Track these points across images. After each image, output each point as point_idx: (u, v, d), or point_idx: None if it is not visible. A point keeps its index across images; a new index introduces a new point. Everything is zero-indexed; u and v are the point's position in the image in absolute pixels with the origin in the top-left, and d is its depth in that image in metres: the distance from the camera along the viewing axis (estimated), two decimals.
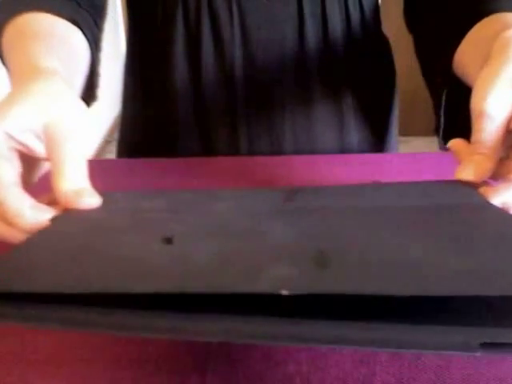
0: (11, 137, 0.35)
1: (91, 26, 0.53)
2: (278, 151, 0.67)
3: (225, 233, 0.31)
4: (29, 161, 0.37)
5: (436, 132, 0.55)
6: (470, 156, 0.39)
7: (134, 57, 0.71)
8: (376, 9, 0.69)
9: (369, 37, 0.68)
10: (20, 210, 0.33)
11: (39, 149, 0.36)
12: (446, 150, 0.55)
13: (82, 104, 0.39)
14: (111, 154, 2.70)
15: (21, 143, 0.35)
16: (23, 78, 0.39)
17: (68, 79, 0.41)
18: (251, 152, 0.67)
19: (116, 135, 0.78)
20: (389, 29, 0.72)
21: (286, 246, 0.28)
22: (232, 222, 0.34)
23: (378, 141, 0.72)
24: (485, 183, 0.38)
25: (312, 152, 0.68)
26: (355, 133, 0.70)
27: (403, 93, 0.65)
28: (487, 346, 0.20)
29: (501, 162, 0.39)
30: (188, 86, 0.66)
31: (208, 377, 0.31)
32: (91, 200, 0.36)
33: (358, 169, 0.59)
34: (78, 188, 0.35)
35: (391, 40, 0.74)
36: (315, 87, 0.66)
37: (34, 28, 0.46)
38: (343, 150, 0.70)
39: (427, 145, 2.51)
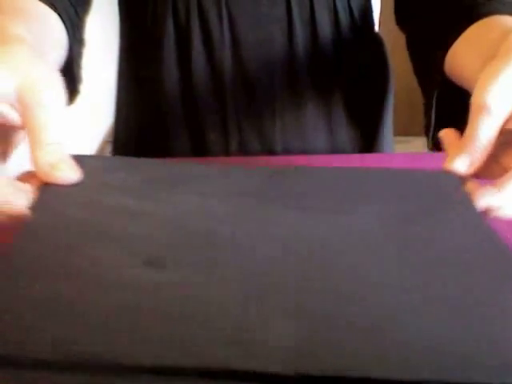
0: None
1: (70, 14, 0.52)
2: (268, 151, 0.67)
3: (212, 251, 0.29)
4: (3, 131, 0.35)
5: (425, 132, 0.55)
6: (461, 148, 0.38)
7: (125, 58, 0.71)
8: (366, 10, 0.69)
9: (359, 38, 0.68)
10: None
11: (13, 117, 0.34)
12: (436, 150, 0.56)
13: (55, 69, 0.37)
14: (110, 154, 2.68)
15: None
16: None
17: (39, 50, 0.39)
18: (241, 152, 0.67)
19: None
20: (389, 29, 0.71)
21: (273, 286, 0.27)
22: (217, 226, 0.32)
23: (369, 142, 0.72)
24: (470, 179, 0.38)
25: (303, 152, 0.68)
26: (346, 133, 0.70)
27: (403, 92, 0.65)
28: None
29: (488, 162, 0.38)
30: (178, 87, 0.66)
31: None
32: (68, 175, 0.34)
33: None
34: (55, 160, 0.33)
35: (391, 40, 0.73)
36: (305, 88, 0.66)
37: (9, 4, 0.45)
38: (334, 150, 0.70)
39: (427, 145, 2.50)
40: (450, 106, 0.55)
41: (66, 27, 0.50)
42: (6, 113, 0.34)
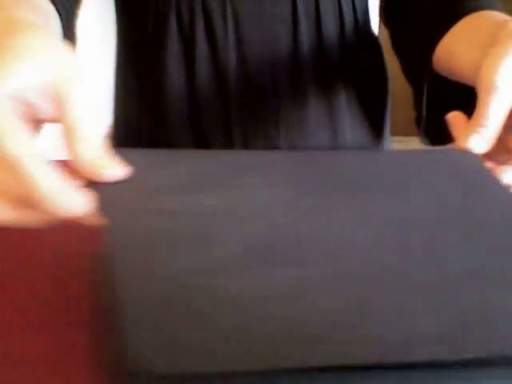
0: (16, 98, 0.30)
1: (66, 7, 0.51)
2: (272, 149, 0.67)
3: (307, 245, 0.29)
4: (31, 123, 0.33)
5: (416, 124, 0.56)
6: (472, 127, 0.40)
7: (124, 58, 0.71)
8: (366, 7, 0.70)
9: (361, 36, 0.69)
10: (52, 193, 0.29)
11: (46, 110, 0.32)
12: (429, 143, 0.58)
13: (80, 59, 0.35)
14: None
15: (27, 104, 0.31)
16: (3, 31, 0.34)
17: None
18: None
19: None
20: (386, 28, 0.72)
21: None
22: (302, 220, 0.31)
23: (371, 140, 0.73)
24: (483, 158, 0.39)
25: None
26: (349, 131, 0.70)
27: (403, 93, 0.65)
28: None
29: (495, 145, 0.40)
30: (181, 87, 0.66)
31: None
32: (115, 172, 0.32)
33: None
34: (99, 156, 0.31)
35: (389, 39, 0.74)
36: (309, 87, 0.66)
37: None
38: (337, 147, 0.70)
39: (426, 145, 2.51)
40: (440, 98, 0.56)
41: (62, 21, 0.49)
42: (38, 105, 0.31)
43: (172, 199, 0.32)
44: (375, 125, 0.73)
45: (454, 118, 0.43)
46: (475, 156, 0.39)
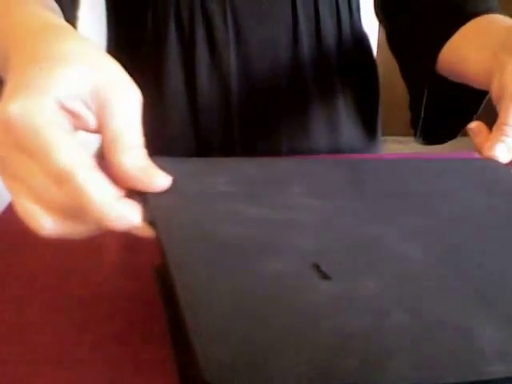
0: (62, 106, 0.29)
1: (71, 9, 0.52)
2: (273, 151, 0.67)
3: (368, 254, 0.28)
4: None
5: (412, 125, 0.56)
6: (497, 135, 0.40)
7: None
8: (358, 6, 0.71)
9: (356, 35, 0.70)
10: (104, 204, 0.27)
11: (90, 119, 0.30)
12: (425, 143, 0.58)
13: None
14: None
15: (72, 112, 0.29)
16: (39, 35, 0.33)
17: None
18: (247, 153, 0.67)
19: None
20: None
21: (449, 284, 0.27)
22: (347, 229, 0.31)
23: (365, 140, 0.73)
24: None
25: (307, 152, 0.68)
26: (345, 132, 0.70)
27: (403, 93, 0.65)
28: None
29: None
30: (182, 89, 0.65)
31: None
32: (160, 181, 0.30)
33: None
34: (144, 165, 0.30)
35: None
36: (309, 86, 0.67)
37: None
38: (337, 148, 0.70)
39: (426, 146, 2.51)
40: (436, 100, 0.56)
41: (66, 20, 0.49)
42: (83, 113, 0.30)
43: (222, 207, 0.31)
44: (368, 125, 0.74)
45: (476, 126, 0.43)
46: (501, 165, 0.39)
